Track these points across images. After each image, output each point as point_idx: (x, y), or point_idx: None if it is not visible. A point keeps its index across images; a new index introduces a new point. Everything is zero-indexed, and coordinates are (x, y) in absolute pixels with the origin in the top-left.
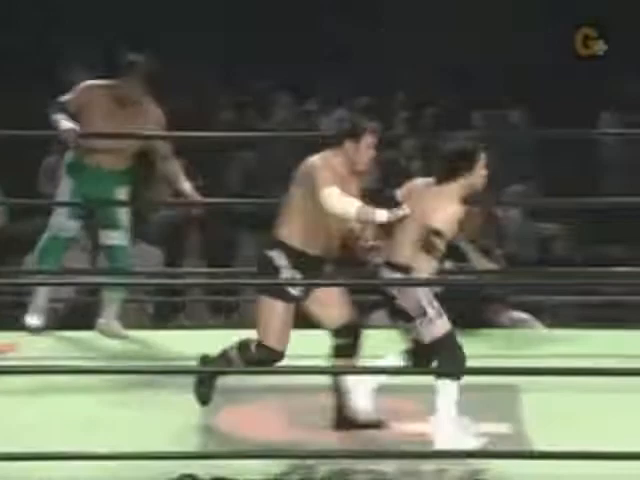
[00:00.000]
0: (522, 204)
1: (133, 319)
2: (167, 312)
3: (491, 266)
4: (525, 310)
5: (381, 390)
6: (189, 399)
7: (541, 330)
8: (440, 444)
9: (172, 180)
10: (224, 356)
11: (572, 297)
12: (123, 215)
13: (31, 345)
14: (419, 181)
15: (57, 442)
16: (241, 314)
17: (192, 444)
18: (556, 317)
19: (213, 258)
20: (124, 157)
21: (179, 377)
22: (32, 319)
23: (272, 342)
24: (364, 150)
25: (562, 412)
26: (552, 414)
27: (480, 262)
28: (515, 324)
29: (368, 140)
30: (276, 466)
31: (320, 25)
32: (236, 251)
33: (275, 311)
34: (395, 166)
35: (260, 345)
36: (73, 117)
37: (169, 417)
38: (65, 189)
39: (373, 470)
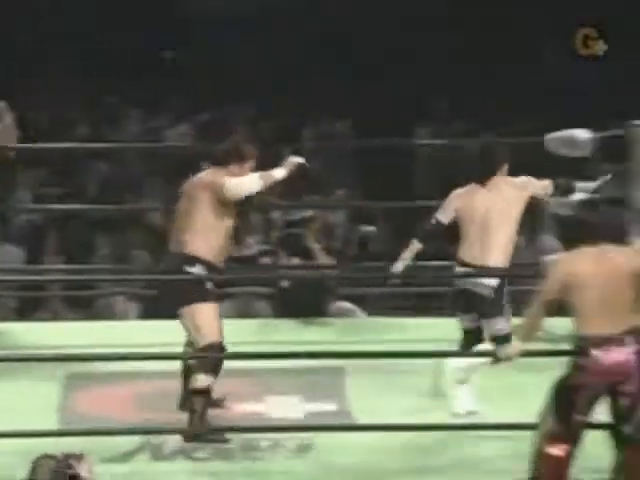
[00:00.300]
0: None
1: None
2: (29, 307)
3: (329, 262)
4: (350, 300)
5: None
6: (45, 386)
7: (364, 318)
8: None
9: None
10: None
11: (387, 289)
12: None
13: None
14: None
15: None
16: (96, 308)
17: (47, 425)
18: (375, 307)
19: (71, 257)
20: None
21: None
22: None
23: (215, 338)
24: (246, 172)
25: (380, 391)
26: (371, 393)
27: (322, 258)
28: (342, 313)
29: (251, 163)
30: (127, 443)
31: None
32: (93, 251)
33: (209, 313)
34: None
35: (208, 346)
36: None
37: (25, 402)
38: None
39: (215, 446)
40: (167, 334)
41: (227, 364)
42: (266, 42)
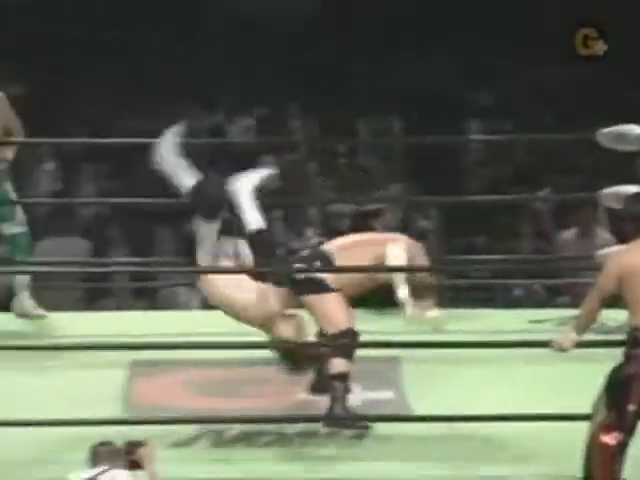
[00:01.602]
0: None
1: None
2: (95, 297)
3: None
4: None
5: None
6: (110, 374)
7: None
8: None
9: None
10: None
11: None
12: (17, 207)
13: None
14: None
15: None
16: (160, 298)
17: (108, 412)
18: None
19: (135, 248)
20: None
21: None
22: None
23: (346, 324)
24: None
25: (438, 381)
26: (429, 383)
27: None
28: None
29: None
30: (189, 430)
31: None
32: (156, 243)
33: (331, 301)
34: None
35: (339, 334)
36: None
37: (91, 389)
38: None
39: (276, 432)
40: (227, 324)
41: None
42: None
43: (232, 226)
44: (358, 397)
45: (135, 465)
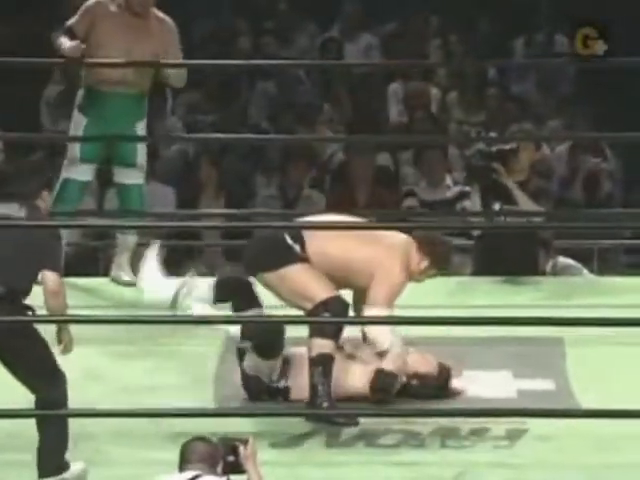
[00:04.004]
0: (568, 138)
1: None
2: (180, 258)
3: (536, 208)
4: (571, 256)
5: (412, 342)
6: (201, 351)
7: (589, 278)
8: None
9: None
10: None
11: (622, 241)
12: (142, 151)
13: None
14: None
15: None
16: None
17: (203, 399)
18: (605, 263)
19: (230, 198)
20: (146, 76)
21: (192, 326)
22: None
23: (325, 294)
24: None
25: (610, 367)
26: (599, 369)
27: (526, 204)
28: (560, 271)
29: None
30: (294, 426)
31: None
32: (256, 191)
33: (303, 271)
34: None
35: (321, 304)
36: (83, 42)
37: (176, 372)
38: (77, 129)
39: (403, 430)
40: None
41: (415, 332)
42: None
43: None
44: (511, 387)
45: (234, 468)
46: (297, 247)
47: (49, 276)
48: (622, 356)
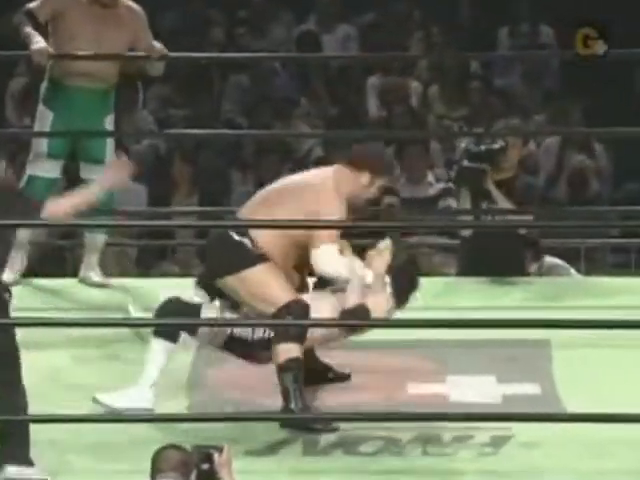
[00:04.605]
0: (555, 133)
1: (114, 265)
2: (152, 257)
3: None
4: (557, 255)
5: (395, 345)
6: (173, 358)
7: (576, 278)
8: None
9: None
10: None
11: (609, 240)
12: (110, 146)
13: None
14: None
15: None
16: None
17: (176, 405)
18: (592, 263)
19: (203, 196)
20: (114, 68)
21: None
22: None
23: (287, 297)
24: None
25: (597, 370)
26: (586, 372)
27: (504, 203)
28: (547, 271)
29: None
30: (275, 432)
31: None
32: (230, 188)
33: (262, 274)
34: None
35: (283, 308)
36: (46, 26)
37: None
38: (43, 123)
39: (383, 437)
40: None
41: (399, 335)
42: None
43: None
44: (496, 391)
45: (208, 476)
46: (247, 241)
47: None
48: (610, 358)
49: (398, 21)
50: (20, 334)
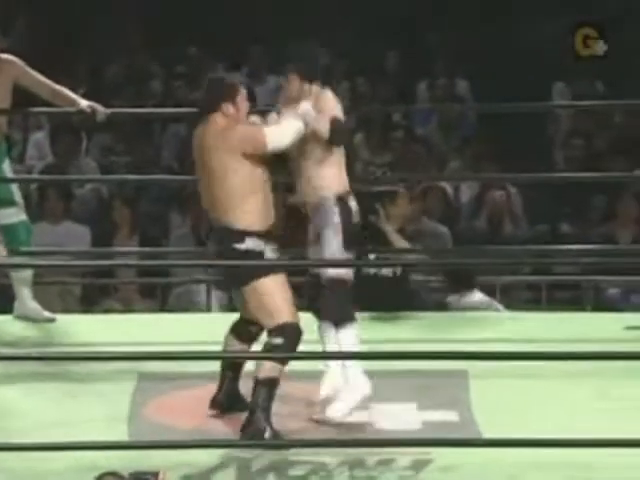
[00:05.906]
0: (472, 179)
1: (58, 302)
2: (95, 295)
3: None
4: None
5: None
6: (117, 388)
7: (501, 313)
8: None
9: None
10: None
11: (522, 277)
12: (16, 188)
13: None
14: None
15: None
16: (173, 297)
17: (116, 435)
18: (508, 298)
19: (144, 237)
20: (3, 120)
21: (109, 364)
22: None
23: (288, 317)
24: (242, 105)
25: (511, 398)
26: (501, 400)
27: (399, 243)
28: (477, 306)
29: (243, 94)
30: (207, 457)
31: None
32: (169, 230)
33: (273, 288)
34: None
35: (280, 327)
36: None
37: (89, 408)
38: None
39: (312, 461)
40: None
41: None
42: None
43: None
44: (416, 418)
45: None
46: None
47: None
48: (523, 388)
49: (325, 72)
50: None
